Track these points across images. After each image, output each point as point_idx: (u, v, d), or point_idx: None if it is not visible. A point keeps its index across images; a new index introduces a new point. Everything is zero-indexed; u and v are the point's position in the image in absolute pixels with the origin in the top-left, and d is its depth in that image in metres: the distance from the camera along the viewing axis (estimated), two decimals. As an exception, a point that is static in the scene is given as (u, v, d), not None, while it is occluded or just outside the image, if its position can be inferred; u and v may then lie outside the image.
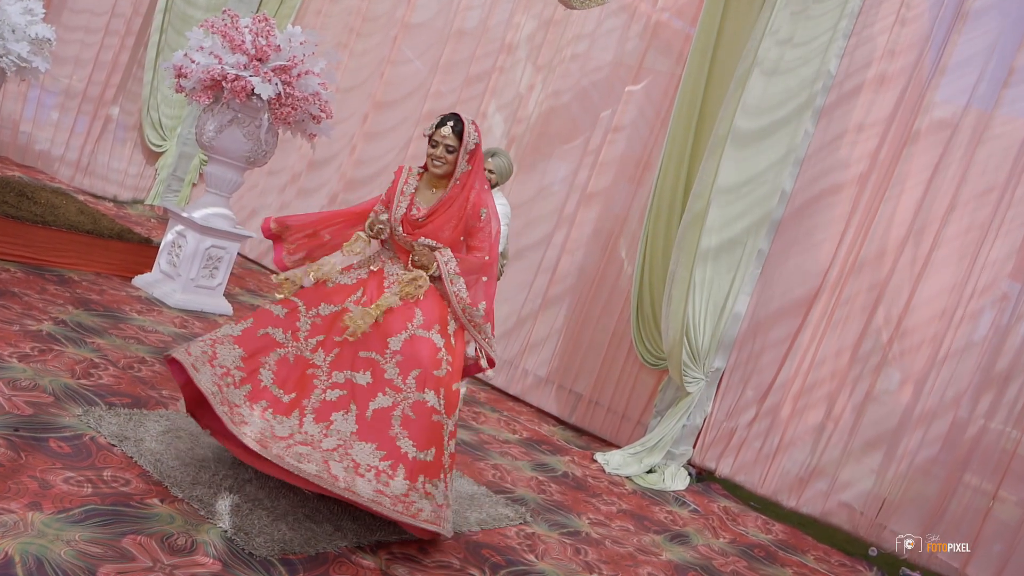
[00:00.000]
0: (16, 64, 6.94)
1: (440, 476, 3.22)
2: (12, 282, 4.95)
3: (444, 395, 3.31)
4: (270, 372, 3.23)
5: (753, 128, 5.41)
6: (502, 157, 5.31)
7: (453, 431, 3.35)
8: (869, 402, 5.44)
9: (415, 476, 3.11)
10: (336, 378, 3.28)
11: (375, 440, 3.14)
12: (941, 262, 5.38)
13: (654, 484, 5.47)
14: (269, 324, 3.34)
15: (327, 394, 3.24)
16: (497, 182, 5.29)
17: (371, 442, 3.13)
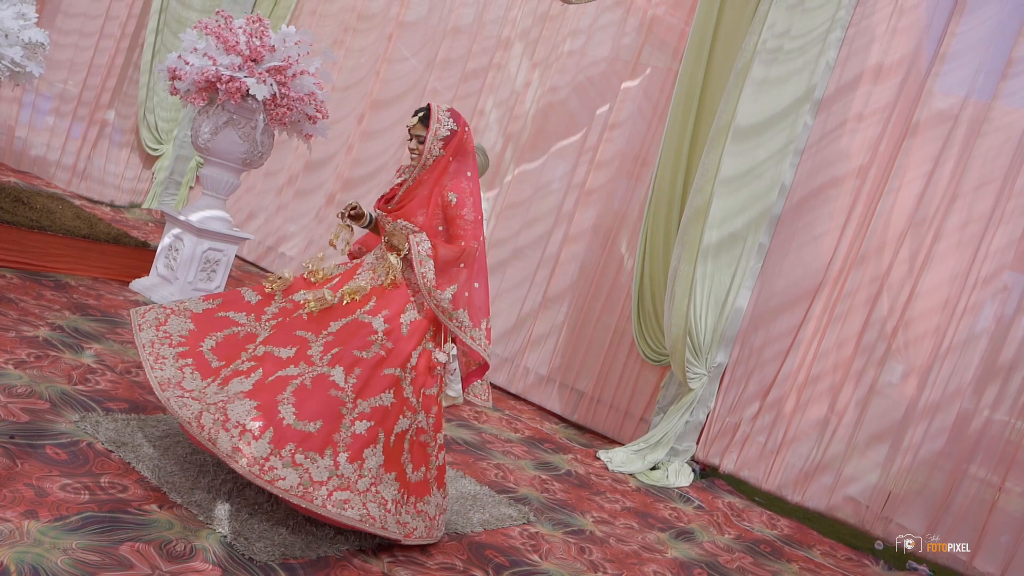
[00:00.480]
0: (9, 69, 6.91)
1: (323, 452, 2.99)
2: (8, 288, 4.92)
3: (360, 375, 3.14)
4: (212, 342, 3.26)
5: (753, 122, 5.38)
6: (481, 154, 5.33)
7: (368, 413, 3.12)
8: (873, 395, 5.41)
9: (282, 443, 2.93)
10: (258, 351, 3.19)
11: (258, 400, 3.00)
12: (943, 254, 5.34)
13: (658, 481, 5.44)
14: (233, 308, 3.38)
15: (243, 364, 3.17)
16: None
17: (253, 400, 3.00)
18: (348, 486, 2.99)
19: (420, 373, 3.34)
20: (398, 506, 3.15)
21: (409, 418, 3.24)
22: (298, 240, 8.33)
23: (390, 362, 3.24)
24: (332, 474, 2.98)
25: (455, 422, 5.33)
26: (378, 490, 3.07)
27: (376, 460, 3.11)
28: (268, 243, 8.49)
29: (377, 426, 3.12)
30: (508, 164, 7.12)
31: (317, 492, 2.92)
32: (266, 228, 8.55)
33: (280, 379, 3.08)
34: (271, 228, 8.53)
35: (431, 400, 3.36)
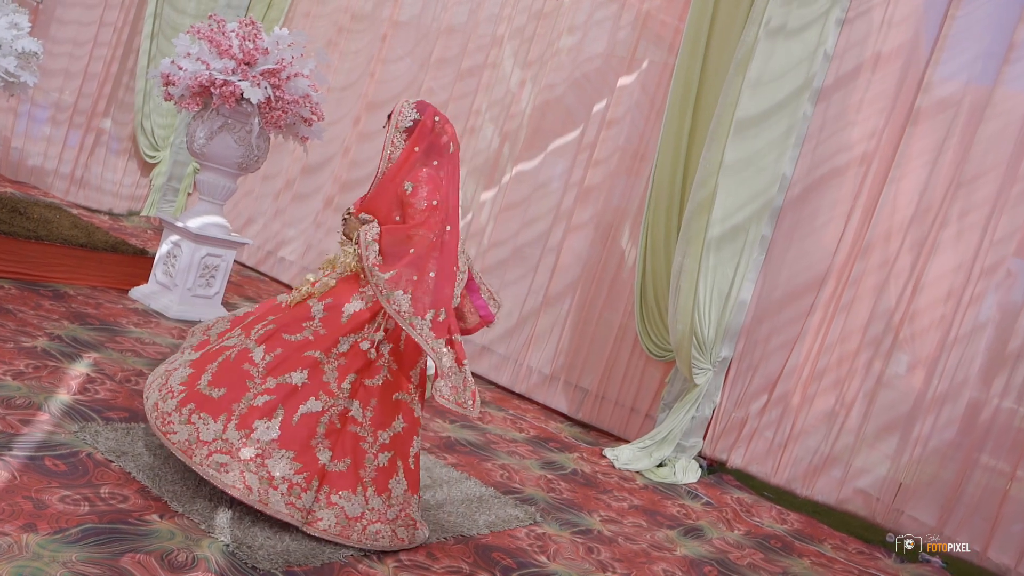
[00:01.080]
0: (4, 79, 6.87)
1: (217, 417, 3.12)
2: (6, 299, 4.88)
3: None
4: (208, 375, 3.21)
5: (753, 113, 5.33)
6: None
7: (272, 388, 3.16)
8: (881, 387, 5.36)
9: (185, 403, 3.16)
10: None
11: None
12: (947, 242, 5.29)
13: (665, 478, 5.39)
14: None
15: (257, 399, 3.14)
16: None
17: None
18: (228, 451, 3.05)
19: (351, 360, 3.22)
20: (294, 488, 3.04)
21: (324, 401, 3.15)
22: (297, 244, 8.29)
23: (314, 345, 3.21)
24: (217, 436, 3.06)
25: (459, 423, 5.29)
26: (264, 463, 3.04)
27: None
28: (267, 248, 8.45)
29: (277, 401, 3.11)
30: (505, 163, 7.07)
31: (198, 451, 3.04)
32: (265, 233, 8.51)
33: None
34: (270, 233, 8.49)
35: (370, 392, 3.24)
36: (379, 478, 3.20)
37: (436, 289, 3.23)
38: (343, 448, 3.16)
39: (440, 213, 3.29)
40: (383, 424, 3.24)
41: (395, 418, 3.27)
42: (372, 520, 3.15)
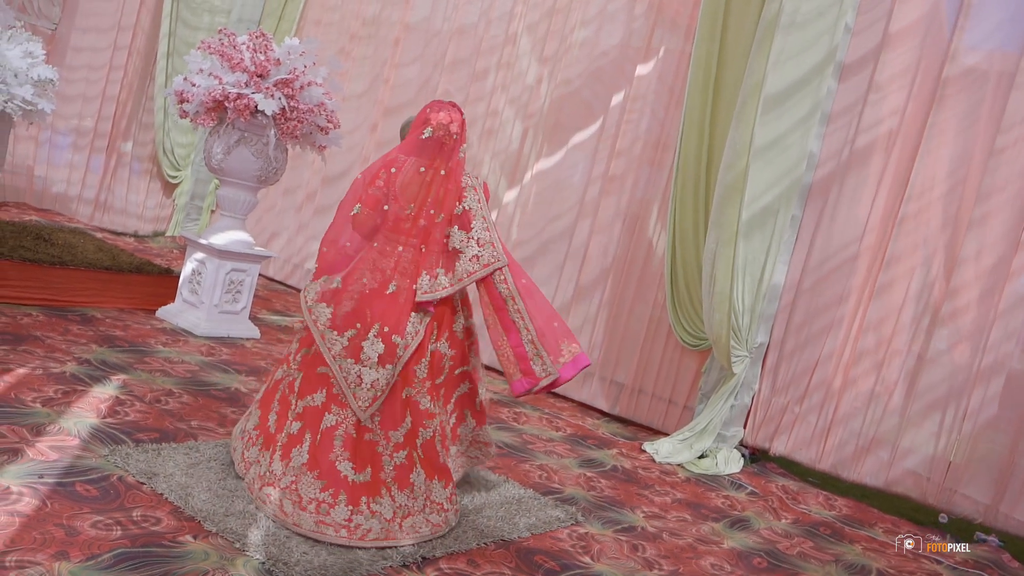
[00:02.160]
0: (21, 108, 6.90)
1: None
2: (34, 326, 4.87)
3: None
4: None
5: (776, 90, 5.20)
6: None
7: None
8: (924, 364, 5.21)
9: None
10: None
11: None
12: (985, 215, 5.13)
13: (707, 470, 5.28)
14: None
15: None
16: None
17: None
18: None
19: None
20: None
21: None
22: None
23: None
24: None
25: (494, 424, 5.21)
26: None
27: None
28: (294, 261, 8.43)
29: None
30: (527, 160, 6.99)
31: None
32: (290, 247, 8.49)
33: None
34: (295, 247, 8.47)
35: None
36: (399, 475, 3.25)
37: None
38: (362, 458, 3.22)
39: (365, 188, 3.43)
40: (394, 424, 3.27)
41: (405, 416, 3.29)
42: (404, 516, 3.22)
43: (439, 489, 3.34)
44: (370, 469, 3.21)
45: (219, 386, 4.68)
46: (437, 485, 3.34)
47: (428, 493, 3.32)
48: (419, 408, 3.32)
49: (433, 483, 3.34)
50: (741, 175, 5.20)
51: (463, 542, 3.34)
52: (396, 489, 3.24)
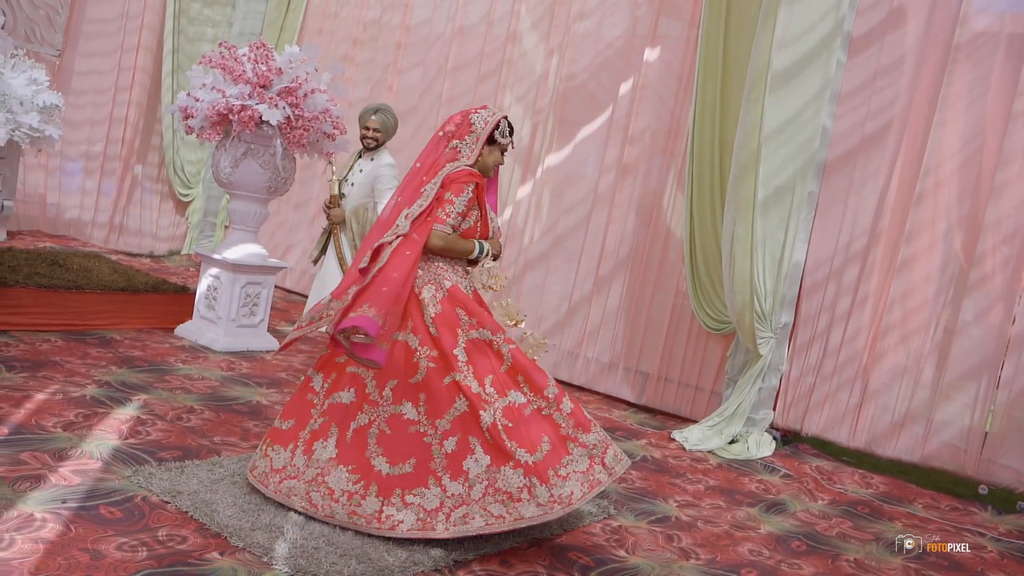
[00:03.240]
0: (29, 135, 6.92)
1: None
2: (53, 352, 4.86)
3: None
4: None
5: (785, 67, 5.11)
6: (386, 113, 5.20)
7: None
8: (953, 336, 5.11)
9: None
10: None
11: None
12: (1006, 182, 5.03)
13: (739, 454, 5.20)
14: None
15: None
16: (384, 140, 5.23)
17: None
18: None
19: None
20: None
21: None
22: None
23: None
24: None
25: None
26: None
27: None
28: (311, 271, 8.40)
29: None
30: (538, 155, 6.92)
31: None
32: (305, 259, 8.46)
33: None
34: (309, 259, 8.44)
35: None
36: (451, 464, 3.17)
37: None
38: (402, 451, 3.18)
39: None
40: (439, 413, 3.22)
41: (453, 402, 3.21)
42: (455, 505, 3.13)
43: (512, 478, 3.13)
44: (414, 460, 3.16)
45: (240, 400, 4.65)
46: (508, 473, 3.13)
47: (492, 481, 3.14)
48: (471, 391, 3.20)
49: (503, 470, 3.14)
50: (754, 154, 5.11)
51: (495, 543, 3.28)
52: (448, 479, 3.15)
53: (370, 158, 5.23)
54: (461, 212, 3.39)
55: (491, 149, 3.50)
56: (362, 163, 5.24)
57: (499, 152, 3.53)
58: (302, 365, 5.64)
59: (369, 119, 5.16)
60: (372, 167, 5.18)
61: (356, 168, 5.25)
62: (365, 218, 5.18)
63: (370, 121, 5.16)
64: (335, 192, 5.19)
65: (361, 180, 5.19)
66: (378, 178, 5.13)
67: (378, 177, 5.13)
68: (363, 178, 5.19)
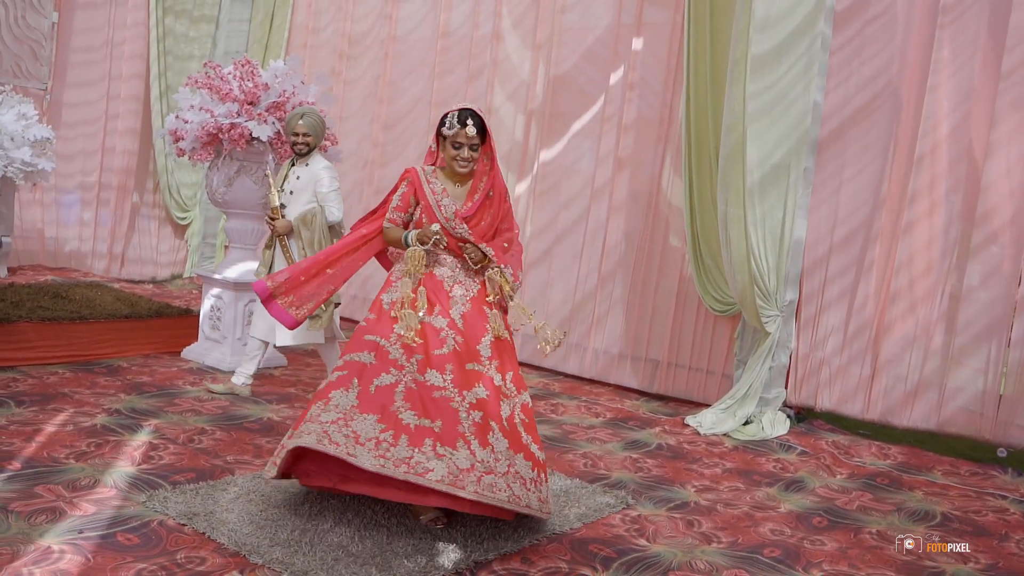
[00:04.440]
0: (22, 170, 6.93)
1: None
2: (61, 384, 4.86)
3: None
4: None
5: (769, 46, 5.09)
6: (312, 116, 5.05)
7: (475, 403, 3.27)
8: (960, 301, 5.08)
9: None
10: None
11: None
12: (1002, 140, 5.00)
13: (754, 435, 5.18)
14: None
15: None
16: (315, 144, 5.08)
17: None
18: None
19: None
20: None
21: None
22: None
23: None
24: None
25: (533, 420, 5.14)
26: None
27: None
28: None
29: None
30: (533, 152, 6.91)
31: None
32: (307, 271, 8.44)
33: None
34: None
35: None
36: (479, 433, 3.19)
37: None
38: (429, 411, 3.18)
39: None
40: (467, 385, 3.26)
41: (475, 384, 3.29)
42: (484, 472, 3.12)
43: (524, 466, 3.23)
44: (441, 422, 3.16)
45: (251, 418, 4.64)
46: (522, 462, 3.23)
47: (512, 463, 3.20)
48: (493, 383, 3.31)
49: (518, 457, 3.23)
50: (741, 135, 5.08)
51: (514, 541, 3.27)
52: (477, 444, 3.15)
53: (305, 164, 5.07)
54: (397, 206, 3.57)
55: (443, 144, 3.49)
56: (297, 170, 5.08)
57: (451, 146, 3.44)
58: (311, 379, 5.63)
59: (297, 125, 5.00)
60: (309, 172, 5.04)
61: (292, 176, 5.09)
62: (314, 223, 5.00)
63: (298, 127, 4.99)
64: (275, 204, 5.01)
65: (301, 187, 5.04)
66: (318, 182, 5.00)
67: (318, 181, 5.00)
68: (302, 184, 5.04)
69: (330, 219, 5.00)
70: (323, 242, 4.96)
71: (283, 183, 5.12)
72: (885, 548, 3.61)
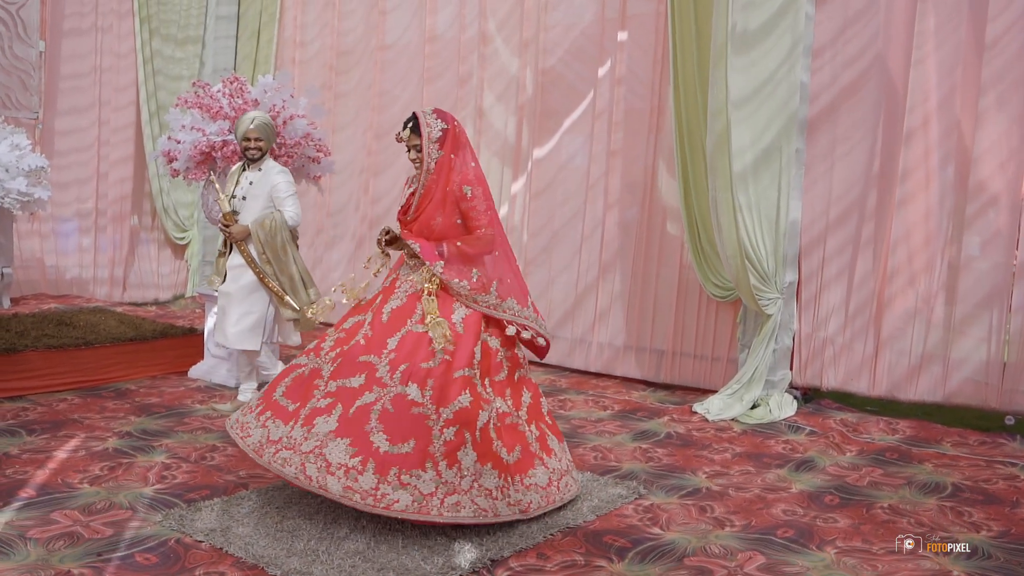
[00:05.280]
0: (19, 200, 6.96)
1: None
2: (70, 410, 4.89)
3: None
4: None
5: (753, 27, 5.11)
6: (264, 120, 5.00)
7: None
8: (959, 272, 5.10)
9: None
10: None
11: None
12: (989, 109, 5.01)
13: (762, 418, 5.20)
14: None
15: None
16: (266, 148, 5.01)
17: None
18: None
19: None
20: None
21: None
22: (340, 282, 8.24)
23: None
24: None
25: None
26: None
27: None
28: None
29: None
30: (526, 150, 6.94)
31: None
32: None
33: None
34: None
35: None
36: (448, 452, 3.24)
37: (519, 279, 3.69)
38: (403, 431, 3.21)
39: (494, 209, 3.62)
40: (444, 401, 3.28)
41: (459, 394, 3.31)
42: (448, 492, 3.20)
43: (490, 475, 3.29)
44: (414, 441, 3.20)
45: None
46: (489, 472, 3.29)
47: (477, 476, 3.27)
48: (476, 390, 3.36)
49: (485, 468, 3.30)
50: (727, 122, 5.09)
51: (529, 537, 3.30)
52: (444, 465, 3.21)
53: (257, 169, 5.02)
54: None
55: None
56: (249, 175, 5.03)
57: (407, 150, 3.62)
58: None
59: (248, 129, 4.94)
60: (263, 177, 4.99)
61: (244, 181, 5.04)
62: (275, 228, 4.96)
63: (249, 131, 4.93)
64: (227, 210, 4.96)
65: (254, 192, 4.98)
66: (275, 187, 4.96)
67: (275, 186, 4.96)
68: (256, 190, 4.98)
69: (291, 223, 4.99)
70: (287, 246, 4.98)
71: (234, 188, 5.05)
72: (897, 522, 3.63)
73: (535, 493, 3.43)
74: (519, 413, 3.54)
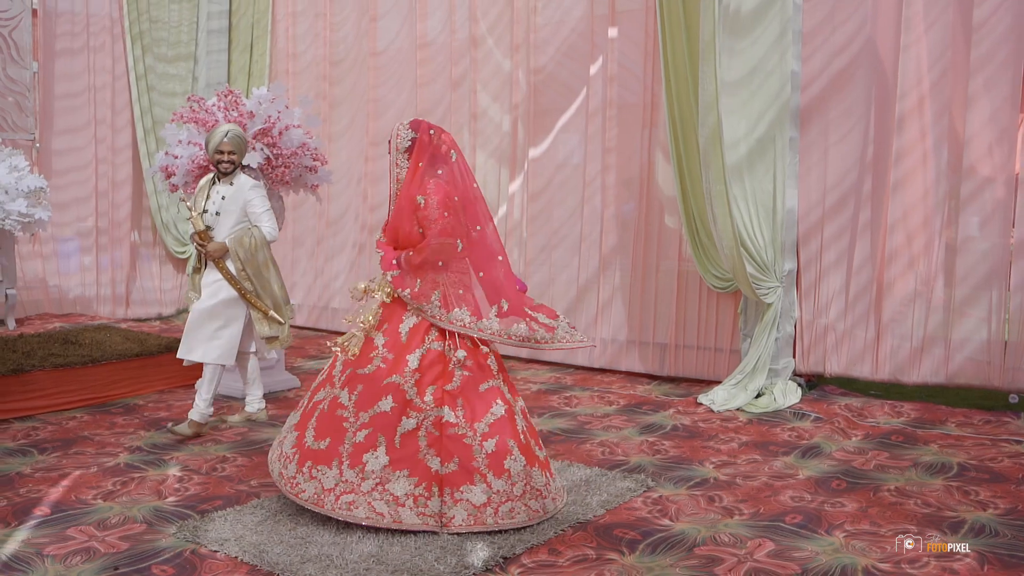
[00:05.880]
0: (19, 221, 6.99)
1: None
2: (80, 428, 4.92)
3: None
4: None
5: (741, 17, 5.14)
6: (237, 132, 4.84)
7: (367, 422, 3.40)
8: (956, 253, 5.13)
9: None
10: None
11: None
12: (979, 91, 5.04)
13: (767, 407, 5.23)
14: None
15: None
16: (239, 162, 4.86)
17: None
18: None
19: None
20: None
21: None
22: (344, 295, 8.26)
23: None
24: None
25: (547, 413, 5.20)
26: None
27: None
28: (320, 305, 8.47)
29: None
30: (522, 151, 6.97)
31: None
32: (311, 294, 8.53)
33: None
34: (315, 292, 8.51)
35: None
36: (493, 463, 3.37)
37: (496, 285, 3.58)
38: (448, 451, 3.37)
39: (455, 217, 3.55)
40: (477, 416, 3.42)
41: (490, 406, 3.45)
42: (501, 501, 3.35)
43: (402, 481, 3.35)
44: (458, 459, 3.36)
45: (271, 441, 4.68)
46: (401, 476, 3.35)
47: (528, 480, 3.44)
48: (405, 396, 3.42)
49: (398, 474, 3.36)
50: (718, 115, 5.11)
51: (540, 534, 3.33)
52: (492, 476, 3.36)
53: (229, 183, 4.85)
54: None
55: None
56: (221, 189, 4.85)
57: None
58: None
59: (222, 143, 4.77)
60: (235, 192, 4.84)
61: (215, 196, 4.86)
62: (253, 243, 4.83)
63: (223, 144, 4.77)
64: (201, 228, 4.78)
65: (227, 207, 4.82)
66: (249, 203, 4.82)
67: (249, 202, 4.82)
68: (229, 204, 4.83)
69: (269, 238, 4.88)
70: (268, 262, 4.89)
71: (205, 203, 4.89)
72: (904, 503, 3.66)
73: (462, 509, 3.32)
74: (474, 426, 3.41)
